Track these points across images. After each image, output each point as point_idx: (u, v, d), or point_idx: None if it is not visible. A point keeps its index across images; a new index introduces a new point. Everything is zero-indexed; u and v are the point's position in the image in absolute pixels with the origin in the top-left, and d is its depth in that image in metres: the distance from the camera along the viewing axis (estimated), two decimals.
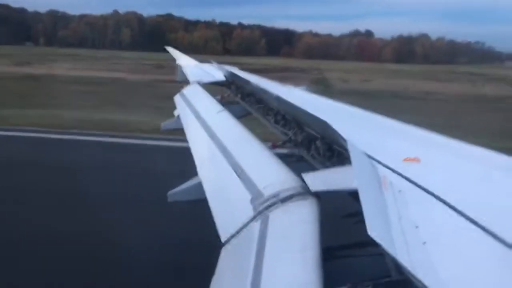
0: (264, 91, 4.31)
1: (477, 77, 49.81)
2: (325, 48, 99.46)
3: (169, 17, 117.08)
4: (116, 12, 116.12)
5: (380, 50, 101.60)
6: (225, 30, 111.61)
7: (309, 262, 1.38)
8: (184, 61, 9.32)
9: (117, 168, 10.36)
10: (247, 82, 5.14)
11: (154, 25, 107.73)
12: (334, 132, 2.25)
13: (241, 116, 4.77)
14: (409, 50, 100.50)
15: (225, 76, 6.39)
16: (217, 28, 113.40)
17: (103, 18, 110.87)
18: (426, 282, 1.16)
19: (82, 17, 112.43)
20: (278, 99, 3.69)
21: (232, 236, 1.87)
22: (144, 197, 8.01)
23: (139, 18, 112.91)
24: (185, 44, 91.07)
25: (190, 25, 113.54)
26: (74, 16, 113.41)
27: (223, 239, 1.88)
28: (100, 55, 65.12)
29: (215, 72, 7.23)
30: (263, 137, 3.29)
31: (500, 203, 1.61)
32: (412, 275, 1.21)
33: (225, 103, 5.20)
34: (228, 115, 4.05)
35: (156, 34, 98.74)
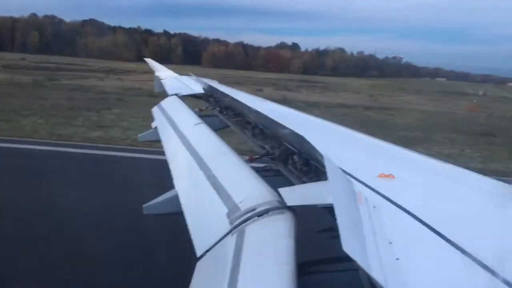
0: (242, 105, 4.32)
1: (307, 84, 55.14)
2: (230, 58, 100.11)
3: (90, 22, 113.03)
4: (33, 15, 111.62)
5: (288, 62, 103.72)
6: (144, 37, 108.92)
7: (284, 277, 1.38)
8: (163, 73, 9.27)
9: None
10: (225, 95, 5.15)
11: (69, 30, 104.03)
12: (311, 147, 2.27)
13: (219, 129, 4.76)
14: (319, 63, 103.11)
15: (203, 89, 6.38)
16: (139, 35, 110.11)
17: (13, 20, 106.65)
18: None
19: None
20: (256, 112, 3.70)
21: (208, 250, 1.85)
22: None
23: (54, 22, 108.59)
24: (93, 49, 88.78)
25: (110, 30, 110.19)
26: None
27: (198, 253, 1.85)
28: None
29: (193, 84, 7.22)
30: (241, 151, 3.29)
31: (473, 221, 1.64)
32: None
33: (203, 115, 5.18)
34: (205, 128, 4.03)
35: (67, 39, 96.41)
